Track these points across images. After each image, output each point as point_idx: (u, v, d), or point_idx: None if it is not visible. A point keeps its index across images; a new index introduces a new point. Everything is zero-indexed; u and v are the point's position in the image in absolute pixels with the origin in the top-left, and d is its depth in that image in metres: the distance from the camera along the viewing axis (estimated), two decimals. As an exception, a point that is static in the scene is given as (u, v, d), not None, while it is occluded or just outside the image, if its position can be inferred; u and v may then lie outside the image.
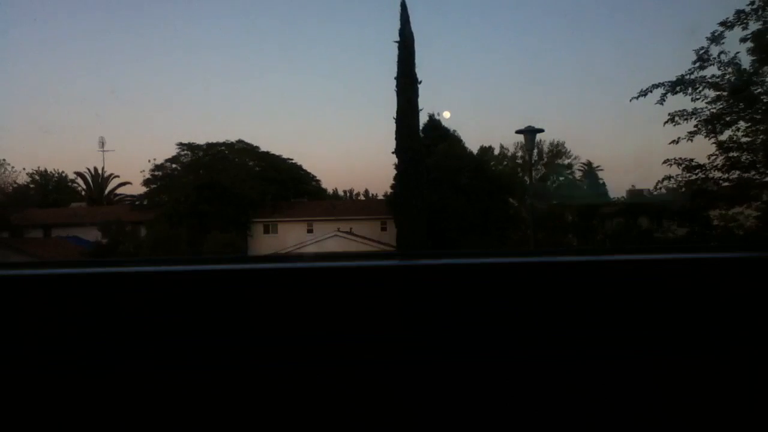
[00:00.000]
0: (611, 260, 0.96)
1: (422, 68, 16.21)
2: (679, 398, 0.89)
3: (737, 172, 9.07)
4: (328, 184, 24.29)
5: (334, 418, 0.88)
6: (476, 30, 21.89)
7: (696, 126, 9.26)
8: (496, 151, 20.91)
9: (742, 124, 8.93)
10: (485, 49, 22.11)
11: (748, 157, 8.99)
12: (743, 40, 8.47)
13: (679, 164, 9.43)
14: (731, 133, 9.06)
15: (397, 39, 16.01)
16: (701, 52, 8.96)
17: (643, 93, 9.43)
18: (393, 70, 16.17)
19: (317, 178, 23.42)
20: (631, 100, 9.67)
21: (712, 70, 8.96)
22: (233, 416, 0.88)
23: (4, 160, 15.83)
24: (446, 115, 19.62)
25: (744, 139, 8.96)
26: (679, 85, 9.19)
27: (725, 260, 0.95)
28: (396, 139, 16.30)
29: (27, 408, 0.87)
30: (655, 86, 9.34)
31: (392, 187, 17.88)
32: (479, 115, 23.39)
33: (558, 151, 21.10)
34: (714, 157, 9.21)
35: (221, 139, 20.55)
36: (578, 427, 0.90)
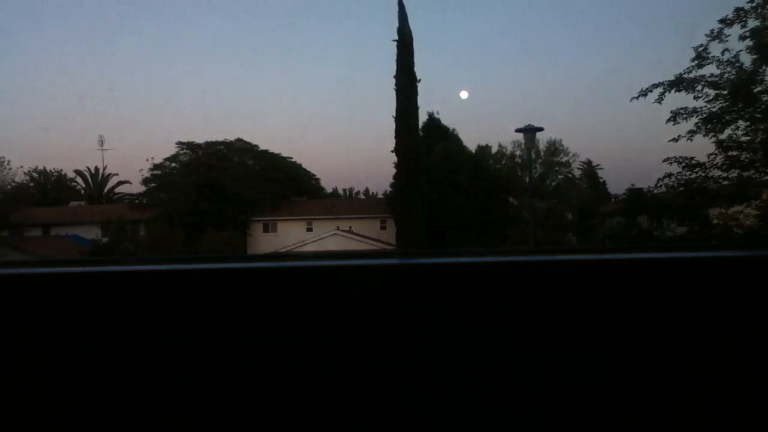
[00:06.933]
0: (611, 259, 0.96)
1: (421, 67, 16.24)
2: (679, 398, 0.89)
3: (737, 171, 9.08)
4: (328, 182, 24.34)
5: (334, 417, 0.88)
6: (475, 28, 21.94)
7: (696, 125, 9.26)
8: (494, 150, 20.96)
9: (741, 123, 8.93)
10: (484, 47, 22.15)
11: (748, 156, 8.99)
12: (742, 38, 8.47)
13: (679, 162, 9.43)
14: (731, 132, 9.07)
15: (396, 38, 16.01)
16: (700, 49, 8.96)
17: (644, 93, 9.44)
18: (392, 68, 16.18)
19: (317, 176, 23.43)
20: (631, 100, 9.68)
21: (710, 69, 8.97)
22: (233, 416, 0.88)
23: (3, 158, 15.87)
24: (463, 95, 19.49)
25: (743, 138, 8.97)
26: (678, 84, 9.19)
27: (725, 260, 0.95)
28: (395, 137, 16.30)
29: (26, 408, 0.87)
30: (655, 86, 9.34)
31: (392, 185, 17.88)
32: (478, 114, 23.43)
33: (555, 149, 21.13)
34: (714, 155, 9.23)
35: (220, 138, 20.58)
36: (578, 427, 0.90)
